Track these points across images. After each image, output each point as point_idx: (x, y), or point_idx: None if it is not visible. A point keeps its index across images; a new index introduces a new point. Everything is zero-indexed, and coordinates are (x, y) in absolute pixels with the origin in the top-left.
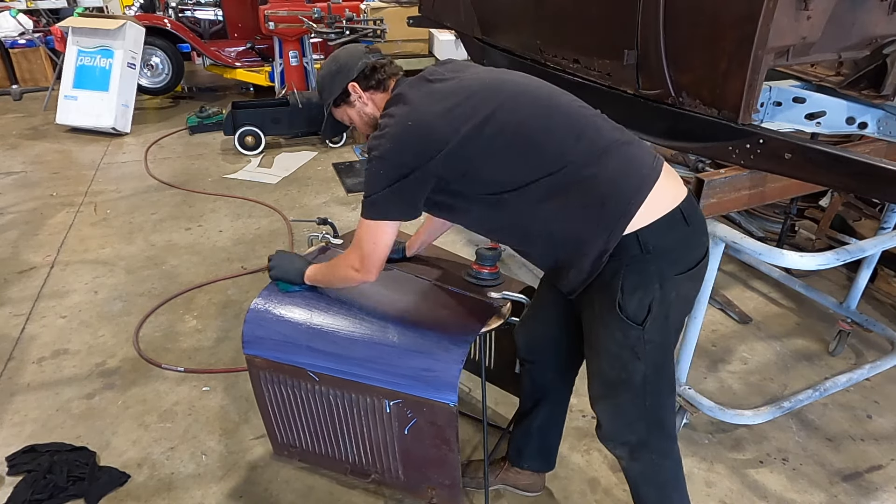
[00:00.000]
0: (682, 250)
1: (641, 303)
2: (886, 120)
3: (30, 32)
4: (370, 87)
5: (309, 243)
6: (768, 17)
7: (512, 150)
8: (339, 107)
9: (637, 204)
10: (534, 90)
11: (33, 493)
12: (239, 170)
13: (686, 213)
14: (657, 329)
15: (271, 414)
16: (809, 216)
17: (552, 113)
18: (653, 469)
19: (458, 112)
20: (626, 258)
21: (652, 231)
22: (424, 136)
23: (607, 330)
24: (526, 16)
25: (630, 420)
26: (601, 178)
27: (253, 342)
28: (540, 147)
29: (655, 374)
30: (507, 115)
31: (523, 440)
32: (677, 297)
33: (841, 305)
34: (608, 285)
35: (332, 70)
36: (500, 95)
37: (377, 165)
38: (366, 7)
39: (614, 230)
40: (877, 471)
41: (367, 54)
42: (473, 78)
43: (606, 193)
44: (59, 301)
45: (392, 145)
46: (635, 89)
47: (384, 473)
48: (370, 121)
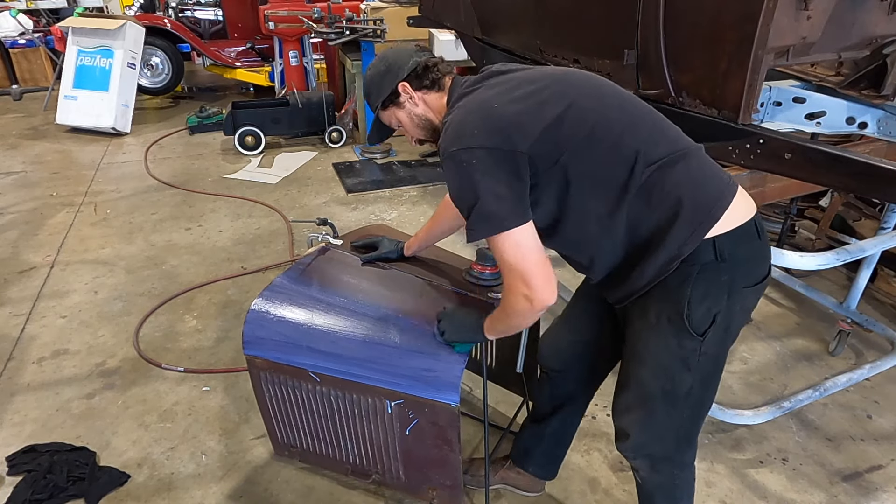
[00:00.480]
0: (753, 263)
1: (708, 312)
2: (886, 120)
3: (30, 32)
4: (423, 86)
5: (309, 244)
6: (768, 17)
7: (596, 141)
8: (387, 109)
9: (722, 208)
10: (607, 87)
11: (33, 493)
12: (239, 170)
13: (758, 226)
14: (715, 341)
15: (272, 414)
16: (809, 216)
17: (632, 110)
18: (672, 482)
19: (538, 98)
20: (698, 265)
21: (730, 239)
22: (511, 115)
23: (661, 339)
24: (526, 16)
25: (661, 432)
26: (684, 179)
27: (253, 343)
28: (623, 142)
29: (702, 387)
30: (588, 105)
31: (532, 441)
32: (740, 310)
33: (841, 305)
34: (673, 292)
35: (381, 70)
36: (574, 86)
37: (463, 166)
38: (366, 7)
39: (695, 233)
40: (877, 471)
41: (419, 52)
42: (540, 71)
43: (688, 195)
44: (59, 301)
45: (477, 131)
46: (635, 89)
47: (385, 474)
48: (421, 122)
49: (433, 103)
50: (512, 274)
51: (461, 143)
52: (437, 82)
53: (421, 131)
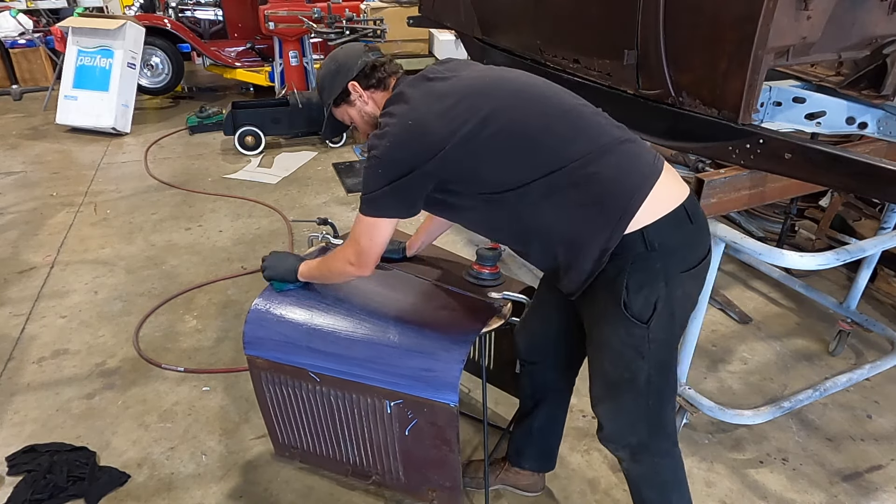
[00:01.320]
0: (686, 248)
1: (647, 301)
2: (886, 120)
3: (30, 32)
4: (370, 85)
5: (309, 243)
6: (768, 17)
7: (511, 149)
8: (339, 106)
9: (639, 201)
10: (533, 88)
11: (33, 493)
12: (239, 170)
13: (690, 210)
14: (662, 327)
15: (272, 414)
16: (809, 216)
17: (552, 111)
18: (654, 470)
19: (456, 112)
20: (631, 256)
21: (657, 228)
22: (423, 135)
23: (611, 328)
24: (526, 16)
25: (632, 420)
26: (601, 176)
27: (254, 343)
28: (539, 146)
29: (659, 373)
30: (506, 113)
31: (523, 441)
32: (682, 294)
33: (841, 305)
34: (612, 283)
35: (332, 69)
36: (498, 94)
37: (376, 164)
38: (366, 7)
39: (616, 228)
40: (877, 471)
41: (367, 53)
42: (473, 77)
43: (607, 191)
44: (59, 301)
45: (391, 144)
46: (635, 89)
47: (385, 475)
48: (371, 120)
49: (380, 102)
50: (355, 244)
51: (378, 147)
52: (383, 82)
53: (371, 128)
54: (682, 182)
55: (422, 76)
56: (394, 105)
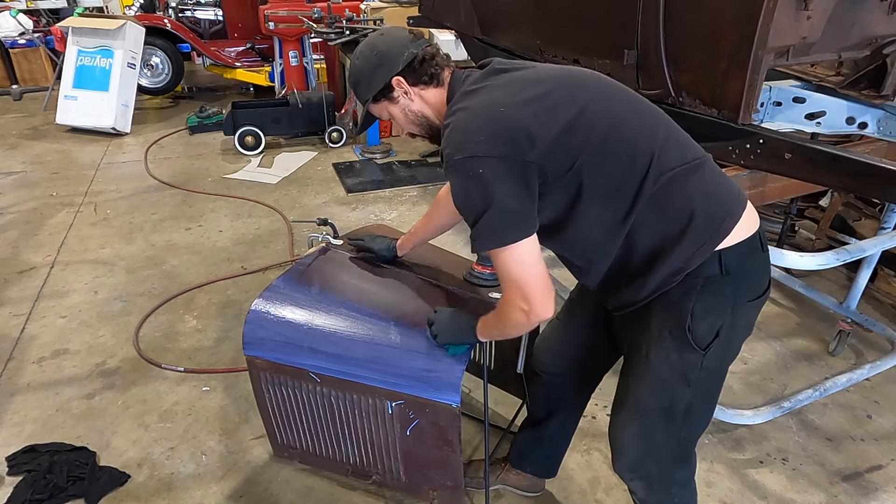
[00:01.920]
0: (757, 276)
1: (712, 326)
2: (886, 120)
3: (30, 32)
4: (420, 81)
5: (309, 244)
6: (768, 17)
7: (609, 148)
8: (378, 102)
9: (732, 224)
10: (613, 87)
11: (33, 493)
12: (239, 170)
13: (762, 238)
14: (718, 356)
15: (272, 415)
16: (809, 216)
17: (641, 112)
18: (672, 501)
19: (548, 102)
20: (703, 278)
21: (735, 253)
22: (521, 120)
23: (662, 353)
24: (526, 16)
25: (656, 450)
26: (697, 192)
27: (254, 343)
28: (635, 147)
29: (702, 402)
30: (599, 110)
31: (529, 445)
32: (744, 324)
33: (841, 305)
34: (675, 305)
35: (372, 61)
36: (585, 89)
37: (473, 167)
38: (366, 7)
39: (701, 249)
40: (877, 471)
41: (414, 41)
42: (547, 70)
43: (700, 208)
44: (59, 301)
45: (483, 138)
46: (635, 89)
47: (385, 475)
48: (416, 119)
49: (431, 99)
50: (511, 287)
51: (467, 150)
52: (436, 77)
53: (416, 127)
54: (753, 210)
55: (488, 70)
56: (468, 98)
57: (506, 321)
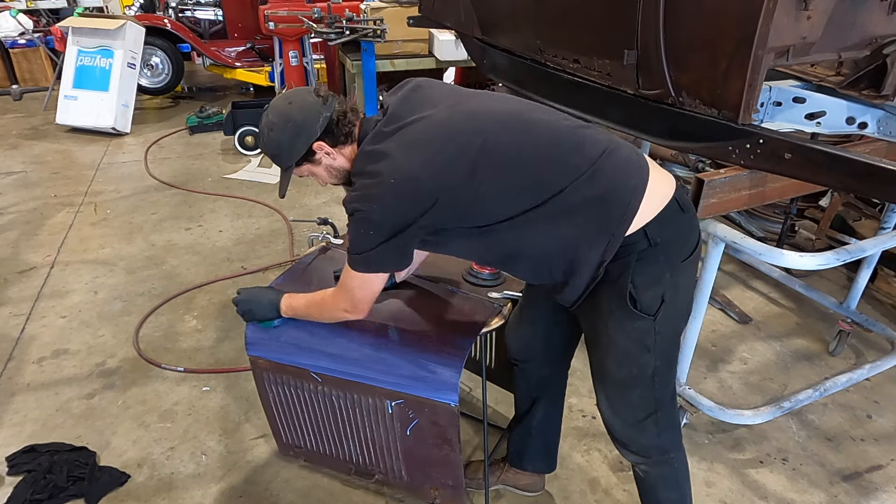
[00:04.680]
0: (684, 237)
1: (655, 294)
2: (886, 120)
3: (30, 32)
4: (339, 142)
5: (309, 243)
6: (768, 17)
7: (504, 186)
8: (300, 166)
9: (634, 210)
10: (508, 117)
11: (33, 493)
12: (239, 170)
13: (680, 201)
14: (668, 318)
15: (275, 414)
16: (809, 216)
17: (535, 140)
18: (670, 468)
19: (442, 159)
20: (635, 254)
21: (657, 224)
22: (413, 192)
23: (617, 326)
24: (526, 16)
25: (639, 418)
26: (595, 195)
27: (256, 343)
28: (532, 178)
29: (665, 364)
30: (493, 152)
31: (523, 441)
32: (684, 283)
33: (841, 305)
34: (615, 283)
35: (290, 133)
36: (479, 132)
37: (365, 227)
38: (366, 7)
39: (612, 240)
40: (877, 471)
41: (323, 105)
42: (445, 115)
43: (603, 207)
44: (59, 301)
45: (378, 206)
46: (635, 89)
47: (388, 473)
48: (339, 174)
49: (348, 154)
50: (349, 294)
51: (364, 211)
52: (351, 134)
53: (337, 179)
54: (666, 174)
55: (392, 118)
56: (371, 163)
57: (323, 310)
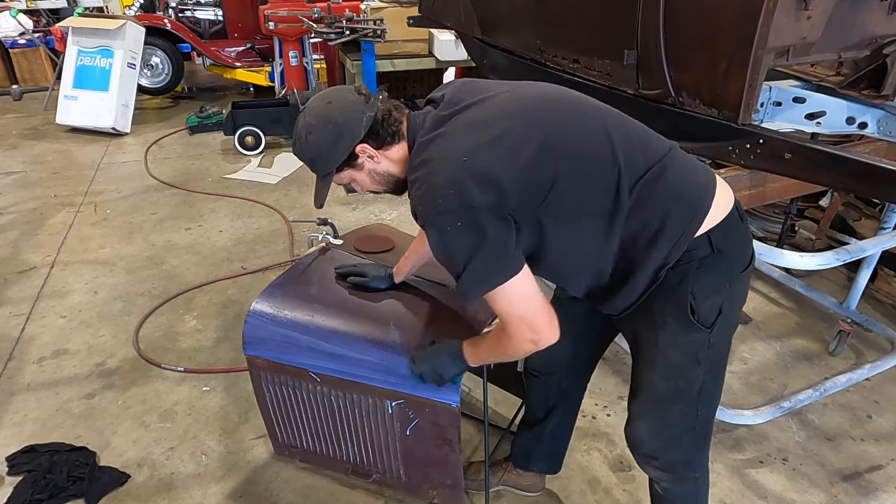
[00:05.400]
0: (744, 247)
1: (714, 304)
2: (886, 120)
3: (30, 32)
4: (384, 143)
5: (309, 244)
6: (768, 17)
7: (575, 176)
8: (340, 172)
9: (704, 213)
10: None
11: (33, 493)
12: (239, 170)
13: (739, 210)
14: (723, 330)
15: (272, 414)
16: (809, 216)
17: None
18: (694, 486)
19: (508, 141)
20: (695, 261)
21: (721, 230)
22: (484, 167)
23: (668, 337)
24: (526, 16)
25: (675, 433)
26: (666, 190)
27: (254, 343)
28: (601, 168)
29: (712, 380)
30: (561, 140)
31: (532, 444)
32: (739, 294)
33: (841, 305)
34: (673, 291)
35: (331, 135)
36: (543, 120)
37: (448, 221)
38: (366, 7)
39: (680, 241)
40: (877, 471)
41: (367, 103)
42: (503, 103)
43: (672, 206)
44: (59, 301)
45: (453, 191)
46: (635, 89)
47: (386, 474)
48: (384, 179)
49: (395, 156)
50: (515, 322)
51: (438, 205)
52: (397, 133)
53: (381, 186)
54: (726, 184)
55: (448, 104)
56: (428, 149)
57: (512, 352)
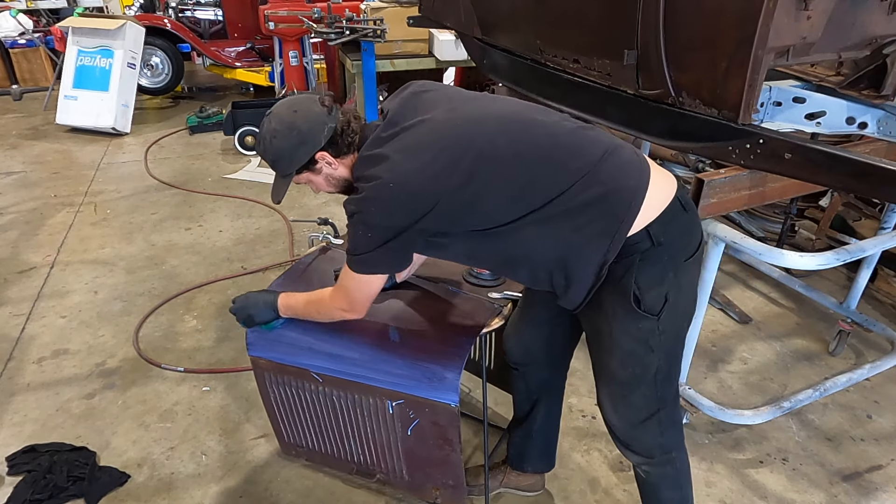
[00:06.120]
0: (687, 236)
1: (658, 294)
2: (886, 120)
3: (30, 32)
4: (342, 153)
5: (310, 243)
6: (768, 17)
7: (503, 190)
8: (299, 174)
9: (635, 211)
10: (507, 121)
11: (33, 493)
12: (239, 170)
13: (682, 200)
14: (671, 318)
15: (277, 414)
16: (809, 216)
17: (534, 142)
18: (673, 468)
19: (440, 165)
20: (638, 254)
21: (660, 223)
22: (410, 197)
23: (620, 327)
24: (526, 16)
25: (642, 418)
26: (596, 196)
27: (257, 344)
28: (531, 182)
29: (668, 364)
30: (491, 156)
31: (524, 444)
32: (687, 282)
33: (841, 305)
34: (619, 284)
35: (293, 140)
36: (477, 135)
37: (363, 229)
38: (366, 7)
39: (614, 241)
40: (877, 471)
41: (328, 115)
42: (443, 119)
43: (605, 209)
44: (59, 301)
45: (377, 210)
46: (635, 89)
47: (389, 473)
48: (339, 183)
49: (350, 163)
50: (347, 294)
51: (363, 213)
52: (353, 144)
53: (334, 188)
54: (667, 174)
55: (390, 123)
56: (370, 167)
57: (322, 309)
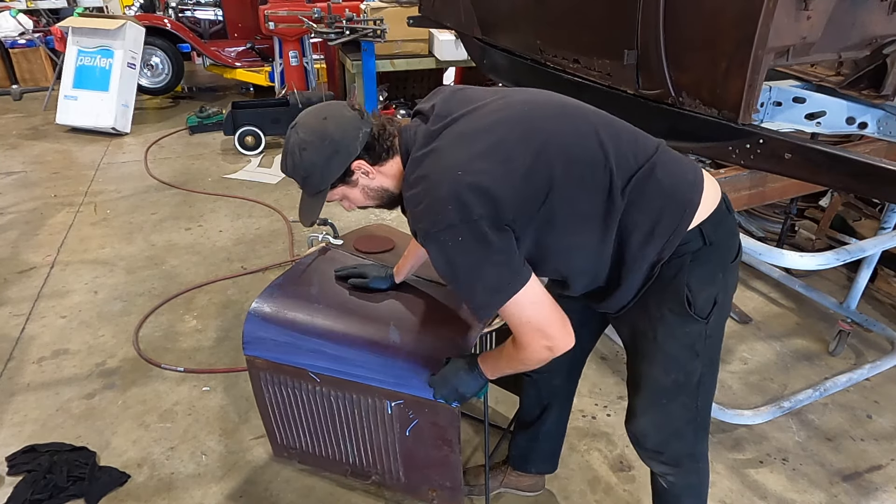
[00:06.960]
0: (733, 238)
1: (709, 296)
2: (886, 120)
3: (30, 32)
4: (379, 160)
5: (309, 244)
6: (768, 17)
7: (569, 183)
8: (334, 188)
9: (695, 205)
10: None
11: (33, 493)
12: (239, 170)
13: (727, 202)
14: (717, 321)
15: (271, 415)
16: (809, 216)
17: (587, 135)
18: (698, 478)
19: (502, 151)
20: (689, 254)
21: (711, 223)
22: (481, 180)
23: (666, 331)
24: (526, 16)
25: (678, 426)
26: (656, 189)
27: (253, 343)
28: (594, 173)
29: (710, 370)
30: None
31: (528, 446)
32: (731, 284)
33: (841, 305)
34: (668, 286)
35: (326, 152)
36: (536, 130)
37: (449, 237)
38: (366, 7)
39: (672, 237)
40: (877, 471)
41: (362, 119)
42: (491, 110)
43: (663, 204)
44: (59, 301)
45: (451, 206)
46: (635, 89)
47: (385, 475)
48: (378, 194)
49: (390, 171)
50: (527, 331)
51: (439, 222)
52: (391, 148)
53: (373, 201)
54: (712, 177)
55: (437, 120)
56: (423, 164)
57: (529, 361)
